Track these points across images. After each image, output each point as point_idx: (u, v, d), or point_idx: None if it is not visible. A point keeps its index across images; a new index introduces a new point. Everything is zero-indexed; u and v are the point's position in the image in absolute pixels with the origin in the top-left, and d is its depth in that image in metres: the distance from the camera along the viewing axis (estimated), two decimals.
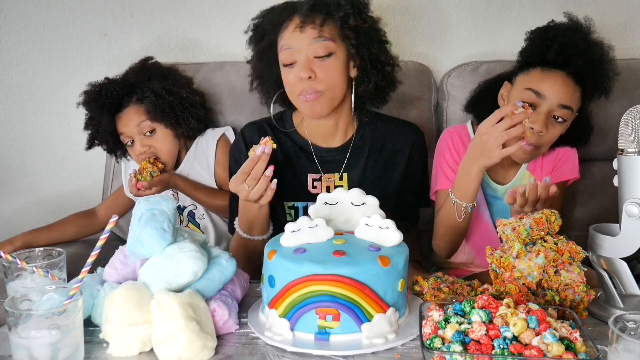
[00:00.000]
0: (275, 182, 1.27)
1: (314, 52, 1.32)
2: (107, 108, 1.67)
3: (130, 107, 1.68)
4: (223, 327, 1.00)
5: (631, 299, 1.05)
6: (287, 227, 1.01)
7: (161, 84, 1.70)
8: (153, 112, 1.67)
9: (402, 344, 0.96)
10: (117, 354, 0.94)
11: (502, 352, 0.82)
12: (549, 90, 1.38)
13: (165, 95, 1.68)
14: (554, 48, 1.42)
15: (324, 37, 1.31)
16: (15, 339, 0.85)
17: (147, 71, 1.73)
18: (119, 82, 1.70)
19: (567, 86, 1.39)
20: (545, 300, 1.02)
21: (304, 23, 1.32)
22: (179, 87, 1.72)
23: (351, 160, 1.46)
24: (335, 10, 1.33)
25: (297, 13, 1.34)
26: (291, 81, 1.35)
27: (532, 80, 1.41)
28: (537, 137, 1.38)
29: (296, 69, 1.33)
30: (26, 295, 0.91)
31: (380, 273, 0.95)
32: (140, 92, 1.68)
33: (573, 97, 1.40)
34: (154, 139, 1.69)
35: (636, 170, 1.02)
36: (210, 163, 1.75)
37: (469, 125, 1.59)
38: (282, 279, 0.96)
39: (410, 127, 1.51)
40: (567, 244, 1.05)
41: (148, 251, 1.01)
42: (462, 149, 1.52)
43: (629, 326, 0.83)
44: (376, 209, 1.08)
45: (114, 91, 1.67)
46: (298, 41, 1.32)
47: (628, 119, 1.03)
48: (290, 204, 1.45)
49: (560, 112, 1.38)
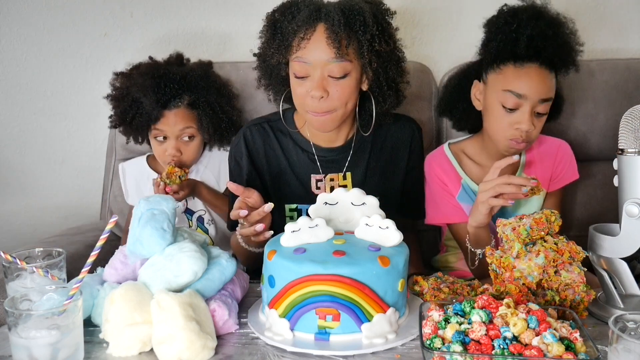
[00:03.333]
0: (270, 233, 1.23)
1: (330, 71, 1.26)
2: (161, 103, 1.60)
3: (181, 109, 1.62)
4: (223, 327, 1.00)
5: (631, 299, 1.05)
6: (287, 227, 1.01)
7: (217, 99, 1.65)
8: (206, 126, 1.63)
9: (402, 344, 0.96)
10: (117, 354, 0.94)
11: (502, 352, 0.82)
12: (527, 88, 1.33)
13: (219, 113, 1.64)
14: (522, 41, 1.36)
15: (343, 57, 1.25)
16: (15, 339, 0.85)
17: (206, 77, 1.68)
18: (177, 80, 1.61)
19: (544, 78, 1.35)
20: (545, 300, 1.02)
21: (328, 39, 1.24)
22: (231, 108, 1.69)
23: (353, 159, 1.45)
24: (361, 31, 1.25)
25: (321, 22, 1.25)
26: (301, 95, 1.30)
27: (507, 80, 1.36)
28: (527, 134, 1.36)
29: (308, 83, 1.27)
30: (26, 295, 0.91)
31: (380, 273, 0.95)
32: (195, 97, 1.63)
33: (551, 87, 1.36)
34: (188, 145, 1.65)
35: (636, 170, 1.02)
36: (222, 173, 1.71)
37: (445, 147, 1.55)
38: (282, 279, 0.96)
39: (408, 121, 1.51)
40: (567, 244, 1.05)
41: (148, 251, 1.02)
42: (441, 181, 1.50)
43: (629, 326, 0.83)
44: (376, 209, 1.08)
45: (172, 87, 1.60)
46: (316, 58, 1.25)
47: (628, 119, 1.03)
48: (294, 207, 1.44)
49: (542, 107, 1.36)
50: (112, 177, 1.92)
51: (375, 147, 1.46)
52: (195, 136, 1.65)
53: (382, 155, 1.47)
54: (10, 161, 2.08)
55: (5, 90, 2.04)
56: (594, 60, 1.84)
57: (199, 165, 1.73)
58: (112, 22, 1.99)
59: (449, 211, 1.49)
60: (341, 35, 1.24)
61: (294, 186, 1.44)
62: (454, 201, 1.49)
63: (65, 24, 2.00)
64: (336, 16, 1.24)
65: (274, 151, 1.46)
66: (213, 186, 1.73)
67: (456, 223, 1.49)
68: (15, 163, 2.08)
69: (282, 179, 1.45)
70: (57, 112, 2.05)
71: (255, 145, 1.46)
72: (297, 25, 1.26)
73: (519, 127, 1.35)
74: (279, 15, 1.32)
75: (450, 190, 1.49)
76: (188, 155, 1.66)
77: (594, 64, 1.81)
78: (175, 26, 2.00)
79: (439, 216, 1.52)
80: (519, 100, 1.34)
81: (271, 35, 1.32)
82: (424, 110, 1.83)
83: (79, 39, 2.00)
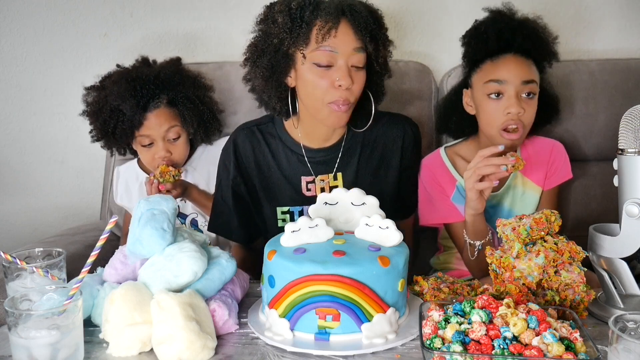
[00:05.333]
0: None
1: (353, 61, 1.29)
2: (141, 105, 1.58)
3: (161, 109, 1.61)
4: (223, 327, 1.00)
5: (631, 299, 1.05)
6: (287, 227, 1.01)
7: (195, 92, 1.65)
8: (189, 121, 1.62)
9: (402, 344, 0.96)
10: (117, 354, 0.94)
11: (502, 352, 0.82)
12: (506, 73, 1.40)
13: (199, 105, 1.64)
14: (491, 38, 1.44)
15: (364, 49, 1.30)
16: (15, 339, 0.85)
17: (178, 73, 1.67)
18: (152, 80, 1.60)
19: (521, 63, 1.41)
20: (545, 300, 1.02)
21: (355, 30, 1.28)
22: (209, 98, 1.69)
23: (344, 159, 1.45)
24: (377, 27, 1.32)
25: (345, 16, 1.28)
26: (323, 86, 1.29)
27: (487, 72, 1.43)
28: (517, 118, 1.39)
29: (334, 73, 1.28)
30: (26, 295, 0.91)
31: (380, 273, 0.95)
32: (172, 94, 1.62)
33: (530, 70, 1.42)
34: (176, 145, 1.65)
35: (636, 170, 1.02)
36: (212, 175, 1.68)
37: (441, 151, 1.58)
38: (282, 279, 0.96)
39: (401, 120, 1.51)
40: (567, 244, 1.05)
41: (148, 251, 1.02)
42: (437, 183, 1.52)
43: (629, 326, 0.83)
44: (376, 209, 1.08)
45: (148, 88, 1.58)
46: (344, 47, 1.28)
47: (628, 119, 1.03)
48: (285, 209, 1.44)
49: (527, 87, 1.40)
50: (112, 177, 1.92)
51: (365, 146, 1.46)
52: (181, 134, 1.65)
53: (374, 155, 1.46)
54: (10, 161, 2.08)
55: (5, 90, 2.04)
56: (594, 60, 1.85)
57: (188, 167, 1.73)
58: (112, 22, 1.99)
59: (446, 211, 1.51)
60: (368, 26, 1.29)
61: (284, 189, 1.45)
62: (449, 202, 1.51)
63: (65, 24, 2.00)
64: (361, 10, 1.30)
65: (263, 155, 1.47)
66: (203, 187, 1.72)
67: (452, 223, 1.51)
68: (15, 163, 2.08)
69: (272, 182, 1.46)
70: (57, 112, 2.05)
71: (245, 151, 1.47)
72: (324, 14, 1.28)
73: (509, 111, 1.38)
74: (296, 5, 1.30)
75: (445, 192, 1.52)
76: (178, 154, 1.66)
77: (594, 64, 1.81)
78: (175, 26, 2.00)
79: (435, 217, 1.53)
80: (501, 85, 1.39)
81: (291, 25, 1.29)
82: (424, 110, 1.83)
83: (79, 39, 2.00)
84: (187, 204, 1.72)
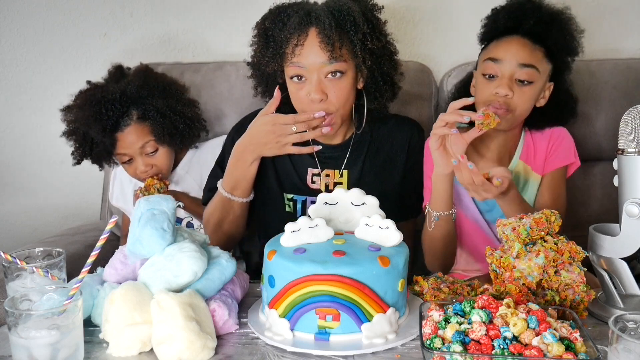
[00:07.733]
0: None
1: (326, 72, 1.29)
2: (109, 128, 1.55)
3: (132, 126, 1.58)
4: (223, 327, 1.00)
5: (631, 299, 1.05)
6: (287, 227, 1.01)
7: (166, 102, 1.61)
8: (161, 135, 1.59)
9: (402, 344, 0.96)
10: (117, 354, 0.94)
11: (502, 352, 0.82)
12: (504, 53, 1.37)
13: (172, 115, 1.60)
14: (502, 18, 1.43)
15: (337, 59, 1.28)
16: (15, 339, 0.85)
17: (147, 85, 1.62)
18: (117, 99, 1.56)
19: (524, 45, 1.37)
20: (545, 300, 1.02)
21: (321, 43, 1.26)
22: (183, 105, 1.65)
23: (351, 158, 1.45)
24: (352, 31, 1.28)
25: (312, 26, 1.28)
26: (301, 98, 1.32)
27: (489, 51, 1.41)
28: (505, 99, 1.36)
29: (307, 86, 1.30)
30: (26, 295, 0.91)
31: (380, 273, 0.95)
32: (142, 109, 1.58)
33: (533, 55, 1.37)
34: (156, 157, 1.63)
35: (636, 170, 1.02)
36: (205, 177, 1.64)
37: None
38: (282, 279, 0.96)
39: (408, 123, 1.51)
40: (567, 244, 1.05)
41: (148, 251, 1.01)
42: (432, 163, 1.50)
43: (629, 326, 0.83)
44: (376, 209, 1.08)
45: (114, 109, 1.55)
46: (311, 61, 1.28)
47: (628, 119, 1.03)
48: (290, 196, 1.45)
49: (523, 72, 1.35)
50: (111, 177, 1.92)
51: (372, 147, 1.47)
52: (159, 147, 1.62)
53: (379, 155, 1.47)
54: (10, 161, 2.08)
55: (5, 90, 2.04)
56: (594, 60, 1.84)
57: (179, 171, 1.72)
58: (112, 22, 1.99)
59: None
60: (333, 37, 1.26)
61: (291, 176, 1.46)
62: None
63: (65, 24, 2.00)
64: (327, 19, 1.27)
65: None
66: (196, 192, 1.70)
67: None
68: (15, 163, 2.08)
69: (281, 165, 1.46)
70: (57, 112, 2.05)
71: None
72: (289, 32, 1.29)
73: (497, 91, 1.36)
74: (269, 24, 1.34)
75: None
76: (161, 165, 1.64)
77: (594, 64, 1.81)
78: (175, 26, 2.00)
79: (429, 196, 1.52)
80: (497, 65, 1.37)
81: (264, 44, 1.35)
82: (424, 110, 1.83)
83: (79, 39, 2.00)
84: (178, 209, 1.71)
